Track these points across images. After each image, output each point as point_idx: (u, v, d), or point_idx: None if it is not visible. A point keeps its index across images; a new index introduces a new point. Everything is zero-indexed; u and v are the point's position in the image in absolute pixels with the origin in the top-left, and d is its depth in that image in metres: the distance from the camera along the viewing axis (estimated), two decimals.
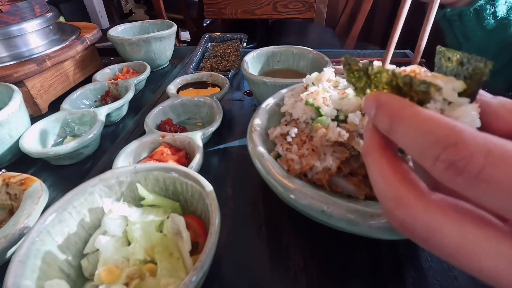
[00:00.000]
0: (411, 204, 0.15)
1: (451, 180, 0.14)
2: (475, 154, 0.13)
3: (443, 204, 0.15)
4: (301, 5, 1.16)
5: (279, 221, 0.35)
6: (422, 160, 0.15)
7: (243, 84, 0.68)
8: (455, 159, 0.13)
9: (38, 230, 0.25)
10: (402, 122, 0.16)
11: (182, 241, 0.26)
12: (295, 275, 0.30)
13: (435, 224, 0.14)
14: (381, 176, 0.17)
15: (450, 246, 0.14)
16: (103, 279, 0.25)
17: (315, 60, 0.56)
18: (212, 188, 0.28)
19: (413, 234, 0.15)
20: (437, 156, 0.14)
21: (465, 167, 0.13)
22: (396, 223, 0.16)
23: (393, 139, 0.17)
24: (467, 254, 0.14)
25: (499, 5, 0.49)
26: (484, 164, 0.13)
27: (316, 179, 0.30)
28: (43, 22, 0.59)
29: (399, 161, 0.17)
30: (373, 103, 0.18)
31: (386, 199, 0.17)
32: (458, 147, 0.13)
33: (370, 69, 0.19)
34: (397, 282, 0.28)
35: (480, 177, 0.13)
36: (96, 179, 0.29)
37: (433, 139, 0.14)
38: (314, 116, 0.33)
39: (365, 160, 0.19)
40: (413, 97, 0.18)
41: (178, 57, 0.82)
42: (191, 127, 0.51)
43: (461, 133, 0.13)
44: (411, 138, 0.15)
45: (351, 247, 0.31)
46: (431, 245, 0.15)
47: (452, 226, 0.14)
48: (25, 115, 0.46)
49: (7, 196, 0.35)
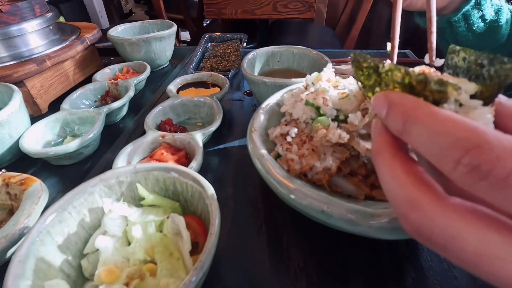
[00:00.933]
0: (428, 208, 0.14)
1: (473, 184, 0.13)
2: (502, 157, 0.12)
3: (462, 208, 0.14)
4: (301, 5, 1.16)
5: (279, 221, 0.35)
6: (440, 163, 0.14)
7: (243, 84, 0.68)
8: (479, 163, 0.13)
9: (38, 230, 0.25)
10: (417, 123, 0.15)
11: (182, 241, 0.26)
12: (295, 275, 0.30)
13: (454, 230, 0.14)
14: (393, 178, 0.16)
15: (470, 252, 0.13)
16: (103, 279, 0.25)
17: (315, 60, 0.56)
18: (212, 188, 0.28)
19: (430, 240, 0.15)
20: (459, 159, 0.13)
21: (491, 171, 0.12)
22: (411, 228, 0.15)
23: (406, 140, 0.16)
24: (489, 261, 0.13)
25: (486, 8, 0.49)
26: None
27: (316, 179, 0.30)
28: (43, 22, 0.59)
29: (412, 162, 0.16)
30: (384, 102, 0.17)
31: (400, 202, 0.16)
32: (482, 150, 0.13)
33: (381, 66, 0.18)
34: (397, 282, 0.28)
35: (508, 182, 0.12)
36: (96, 179, 0.29)
37: (453, 140, 0.13)
38: (314, 116, 0.33)
39: (374, 161, 0.19)
40: (428, 97, 0.17)
41: (178, 57, 0.83)
42: (191, 127, 0.51)
43: (485, 135, 0.13)
44: (427, 140, 0.15)
45: (351, 247, 0.31)
46: (450, 252, 0.14)
47: (472, 232, 0.13)
48: (25, 115, 0.46)
49: (7, 196, 0.35)
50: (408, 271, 0.29)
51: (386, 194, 0.17)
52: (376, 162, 0.18)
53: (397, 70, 0.18)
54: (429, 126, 0.15)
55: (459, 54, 0.20)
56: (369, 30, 1.60)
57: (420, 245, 0.32)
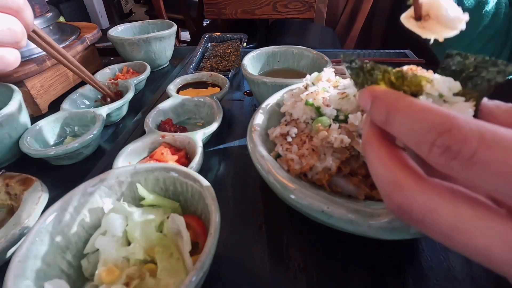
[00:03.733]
0: (410, 187, 0.16)
1: (446, 164, 0.14)
2: (469, 138, 0.13)
3: (440, 187, 0.15)
4: (301, 5, 1.16)
5: (279, 221, 0.35)
6: (419, 148, 0.15)
7: (243, 84, 0.68)
8: (450, 144, 0.14)
9: (38, 230, 0.25)
10: (398, 113, 0.17)
11: (182, 241, 0.26)
12: (295, 275, 0.30)
13: (431, 205, 0.15)
14: (380, 162, 0.18)
15: (445, 225, 0.14)
16: (103, 279, 0.25)
17: (315, 60, 0.56)
18: (212, 188, 0.28)
19: (410, 216, 0.16)
20: (433, 142, 0.14)
21: (459, 150, 0.13)
22: (394, 207, 0.17)
23: (390, 130, 0.18)
24: (461, 233, 0.14)
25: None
26: (477, 147, 0.13)
27: (316, 179, 0.30)
28: (43, 22, 0.59)
29: (397, 149, 0.18)
30: (368, 97, 0.19)
31: (384, 184, 0.17)
32: (452, 132, 0.14)
33: (365, 66, 0.20)
34: (397, 282, 0.28)
35: (473, 159, 0.13)
36: (96, 179, 0.29)
37: (429, 126, 0.15)
38: (314, 116, 0.33)
39: (364, 150, 0.20)
40: (406, 91, 0.18)
41: (178, 57, 0.82)
42: (191, 127, 0.51)
43: (455, 119, 0.14)
44: (408, 128, 0.16)
45: (351, 247, 0.31)
46: (426, 225, 0.15)
47: (447, 206, 0.14)
48: (25, 115, 0.46)
49: (7, 196, 0.35)
50: (408, 271, 0.29)
51: (373, 178, 0.19)
52: (365, 151, 0.20)
53: (377, 69, 0.19)
54: (409, 115, 0.16)
55: (454, 58, 0.21)
56: (369, 30, 1.61)
57: (420, 245, 0.32)
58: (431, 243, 0.32)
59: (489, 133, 0.13)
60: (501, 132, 0.13)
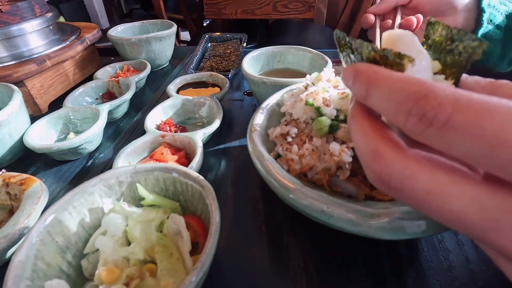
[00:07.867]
0: (389, 156, 0.16)
1: (422, 133, 0.14)
2: (443, 103, 0.13)
3: (418, 155, 0.15)
4: (301, 5, 1.16)
5: (279, 221, 0.35)
6: (397, 118, 0.15)
7: (243, 84, 0.68)
8: (425, 111, 0.14)
9: (38, 230, 0.25)
10: (377, 86, 0.16)
11: (182, 241, 0.26)
12: (295, 275, 0.30)
13: (408, 171, 0.15)
14: (362, 134, 0.18)
15: (421, 190, 0.15)
16: (103, 279, 0.25)
17: (315, 60, 0.56)
18: (212, 188, 0.28)
19: (389, 185, 0.16)
20: (409, 110, 0.14)
21: (434, 117, 0.13)
22: (374, 176, 0.17)
23: (370, 104, 0.18)
24: (437, 197, 0.14)
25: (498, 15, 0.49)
26: (452, 112, 0.13)
27: (316, 179, 0.30)
28: (43, 22, 0.59)
29: (380, 122, 0.18)
30: (351, 73, 0.19)
31: (365, 155, 0.17)
32: (428, 99, 0.14)
33: (354, 43, 0.20)
34: (397, 282, 0.28)
35: (448, 125, 0.13)
36: (96, 179, 0.29)
37: (406, 95, 0.15)
38: (314, 116, 0.33)
39: (348, 124, 0.20)
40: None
41: (178, 57, 0.83)
42: (191, 127, 0.51)
43: (432, 87, 0.14)
44: (386, 99, 0.16)
45: (351, 247, 0.31)
46: (404, 192, 0.15)
47: (424, 172, 0.15)
48: (25, 115, 0.46)
49: (7, 196, 0.35)
50: (408, 271, 0.29)
51: (356, 150, 0.19)
52: (349, 125, 0.20)
53: (364, 47, 0.19)
54: (387, 86, 0.16)
55: (434, 26, 0.21)
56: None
57: (420, 245, 0.32)
58: (431, 243, 0.32)
59: (464, 98, 0.13)
60: (476, 96, 0.13)
